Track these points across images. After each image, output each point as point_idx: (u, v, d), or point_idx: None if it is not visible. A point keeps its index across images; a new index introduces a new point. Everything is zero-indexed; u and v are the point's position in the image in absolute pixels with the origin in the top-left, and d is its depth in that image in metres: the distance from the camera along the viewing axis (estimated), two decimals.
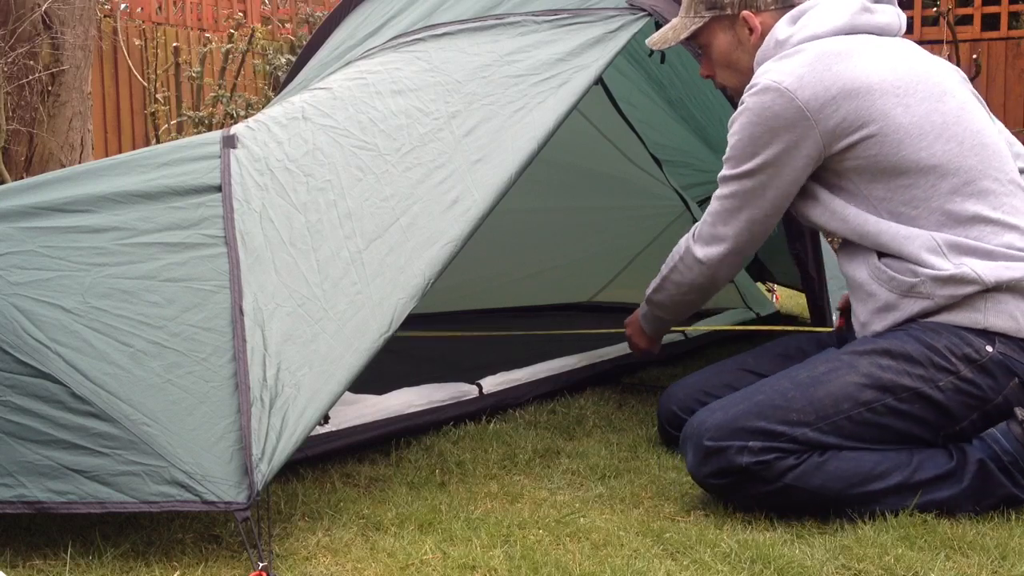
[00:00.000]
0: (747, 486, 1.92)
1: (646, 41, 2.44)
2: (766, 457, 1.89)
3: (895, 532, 1.85)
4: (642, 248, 4.46)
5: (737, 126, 2.12)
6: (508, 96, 2.45)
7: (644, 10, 2.62)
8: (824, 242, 2.79)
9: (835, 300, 2.59)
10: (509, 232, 3.92)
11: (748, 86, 2.12)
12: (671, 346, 3.53)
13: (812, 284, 2.56)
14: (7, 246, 1.95)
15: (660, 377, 3.17)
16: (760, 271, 4.65)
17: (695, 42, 2.34)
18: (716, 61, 2.32)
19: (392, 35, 2.92)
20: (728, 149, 2.15)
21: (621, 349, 3.31)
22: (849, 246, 2.14)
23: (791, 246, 2.55)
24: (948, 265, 1.96)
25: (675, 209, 4.34)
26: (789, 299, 4.80)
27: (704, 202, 4.45)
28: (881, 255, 2.04)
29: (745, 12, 2.22)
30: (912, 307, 1.99)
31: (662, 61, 2.84)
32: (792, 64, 2.07)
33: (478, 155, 2.30)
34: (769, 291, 4.69)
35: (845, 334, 2.28)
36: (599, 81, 3.08)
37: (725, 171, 2.18)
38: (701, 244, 2.26)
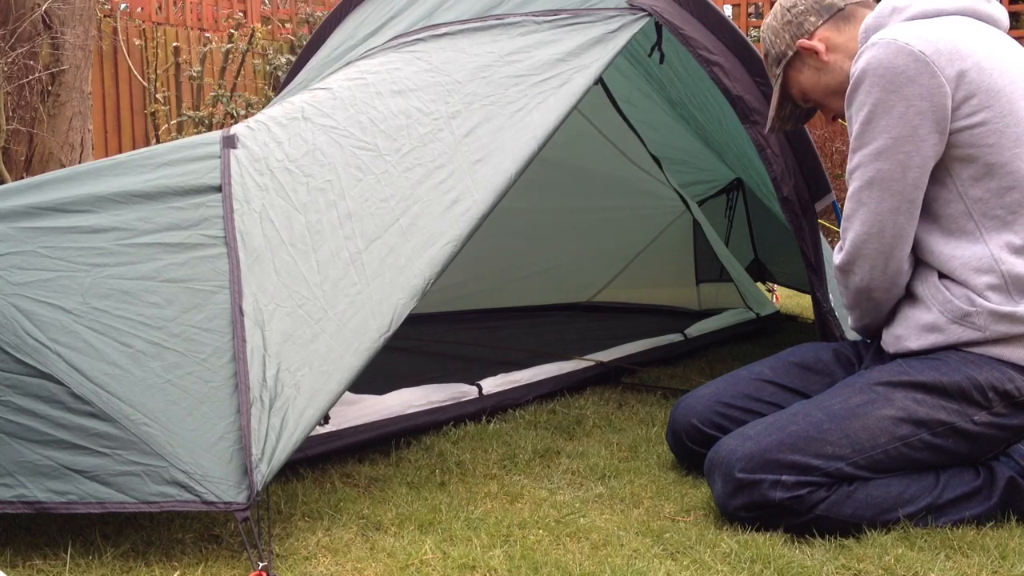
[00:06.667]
0: (777, 519, 1.87)
1: (766, 130, 2.41)
2: (799, 492, 1.84)
3: (895, 532, 1.85)
4: (642, 248, 4.46)
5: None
6: (508, 96, 2.45)
7: (644, 10, 2.62)
8: (825, 244, 2.78)
9: (836, 299, 2.58)
10: (509, 232, 3.93)
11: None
12: (671, 346, 3.54)
13: (815, 286, 2.56)
14: (7, 246, 1.95)
15: (660, 377, 3.17)
16: (760, 271, 4.65)
17: (794, 97, 2.28)
18: (818, 101, 2.24)
19: (392, 35, 2.91)
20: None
21: (621, 350, 3.32)
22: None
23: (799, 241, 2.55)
24: (1010, 304, 1.90)
25: (675, 209, 4.35)
26: (789, 299, 4.81)
27: (704, 202, 4.46)
28: (942, 275, 1.98)
29: (799, 42, 2.18)
30: (959, 335, 1.93)
31: (661, 62, 2.84)
32: (908, 25, 1.96)
33: (478, 155, 2.30)
34: (769, 291, 4.69)
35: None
36: (599, 81, 3.09)
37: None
38: None
